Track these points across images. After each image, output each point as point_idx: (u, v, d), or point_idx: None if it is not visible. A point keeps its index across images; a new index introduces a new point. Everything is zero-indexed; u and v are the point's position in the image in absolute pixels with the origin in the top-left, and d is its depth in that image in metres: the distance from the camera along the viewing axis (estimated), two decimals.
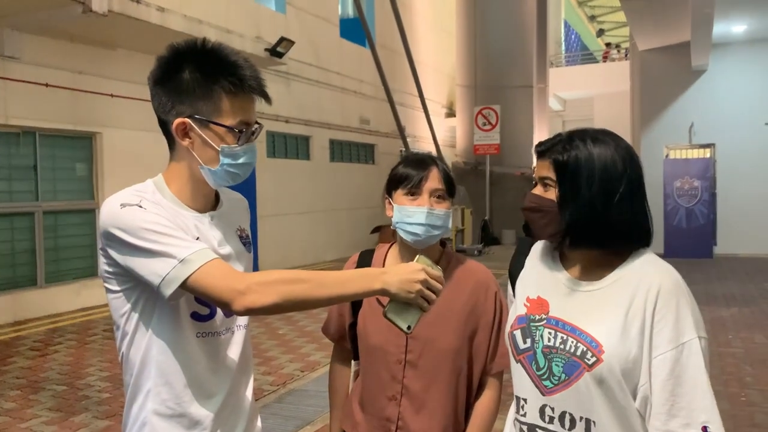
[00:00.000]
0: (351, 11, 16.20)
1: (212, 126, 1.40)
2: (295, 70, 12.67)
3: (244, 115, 1.42)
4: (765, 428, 4.35)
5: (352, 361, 1.94)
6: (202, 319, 1.45)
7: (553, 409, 1.36)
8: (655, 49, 15.01)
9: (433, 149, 15.86)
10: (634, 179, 1.34)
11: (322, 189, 14.06)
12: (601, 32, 36.88)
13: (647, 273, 1.32)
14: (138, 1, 7.74)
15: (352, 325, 1.86)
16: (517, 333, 1.45)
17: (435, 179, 1.74)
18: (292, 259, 12.74)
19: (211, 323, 1.47)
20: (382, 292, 1.32)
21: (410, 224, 1.72)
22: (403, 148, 14.55)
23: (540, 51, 19.64)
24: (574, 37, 38.05)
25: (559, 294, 1.41)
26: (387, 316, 1.36)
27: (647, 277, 1.31)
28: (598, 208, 1.32)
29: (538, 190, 1.41)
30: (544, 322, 1.40)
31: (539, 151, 1.41)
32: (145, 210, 1.35)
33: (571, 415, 1.34)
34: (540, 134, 18.72)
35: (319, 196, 13.93)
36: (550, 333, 1.38)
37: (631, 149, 1.37)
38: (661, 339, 1.26)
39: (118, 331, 1.44)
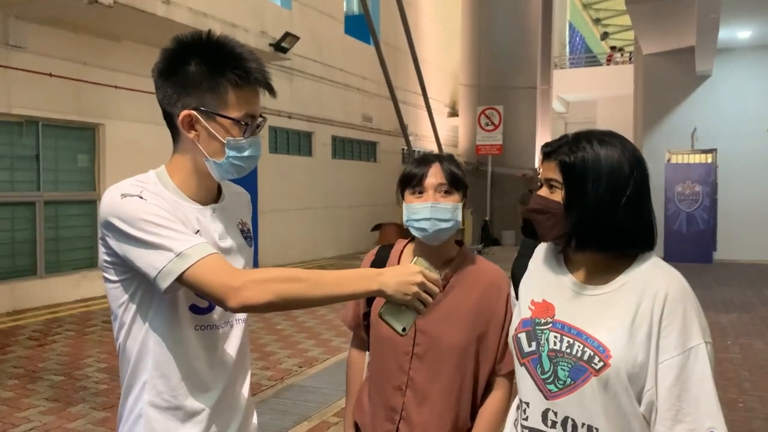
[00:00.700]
0: (356, 8, 16.18)
1: (218, 118, 1.39)
2: (298, 66, 12.66)
3: (250, 108, 1.41)
4: None
5: (366, 352, 1.97)
6: (201, 312, 1.44)
7: (555, 414, 1.35)
8: (660, 53, 14.97)
9: (435, 148, 15.84)
10: (641, 182, 1.33)
11: (324, 185, 14.05)
12: (605, 35, 36.79)
13: (654, 277, 1.31)
14: None
15: (366, 315, 1.89)
16: (522, 336, 1.44)
17: (436, 175, 1.76)
18: (292, 255, 12.73)
19: (210, 316, 1.46)
20: (379, 293, 1.32)
21: (417, 220, 1.75)
22: (406, 147, 14.52)
23: (544, 52, 19.59)
24: (578, 39, 37.98)
25: (565, 297, 1.40)
26: (382, 317, 1.36)
27: (654, 282, 1.30)
28: (605, 211, 1.31)
29: (544, 192, 1.39)
30: (550, 325, 1.39)
31: (545, 153, 1.40)
32: (146, 201, 1.34)
33: (573, 421, 1.33)
34: (542, 136, 18.69)
35: (320, 193, 13.92)
36: (555, 337, 1.37)
37: (638, 151, 1.36)
38: (667, 344, 1.25)
39: (116, 322, 1.43)
